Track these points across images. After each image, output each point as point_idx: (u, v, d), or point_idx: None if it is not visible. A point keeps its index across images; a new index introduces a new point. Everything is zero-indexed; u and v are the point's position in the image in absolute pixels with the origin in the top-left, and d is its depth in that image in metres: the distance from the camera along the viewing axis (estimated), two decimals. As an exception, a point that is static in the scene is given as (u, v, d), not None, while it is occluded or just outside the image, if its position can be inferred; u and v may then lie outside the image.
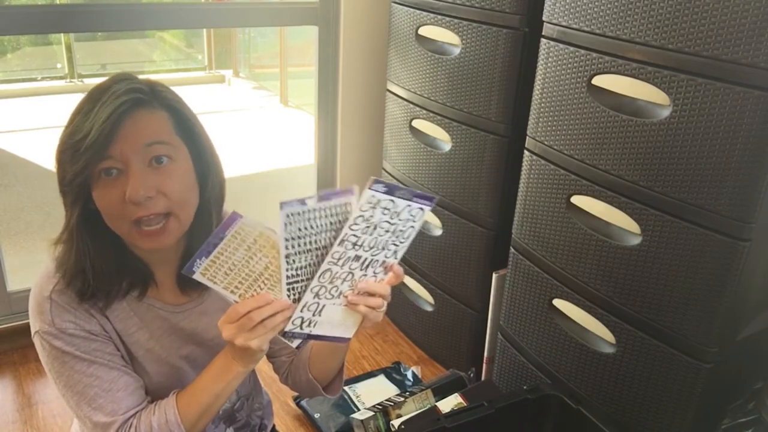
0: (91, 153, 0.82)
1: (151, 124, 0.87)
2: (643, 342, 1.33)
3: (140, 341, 0.96)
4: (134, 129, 0.84)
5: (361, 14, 2.25)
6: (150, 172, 0.86)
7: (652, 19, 1.19)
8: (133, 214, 0.85)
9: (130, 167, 0.84)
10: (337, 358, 1.05)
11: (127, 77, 0.88)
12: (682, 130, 1.18)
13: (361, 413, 1.68)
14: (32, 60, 5.57)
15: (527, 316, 1.62)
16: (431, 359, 2.10)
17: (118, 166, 0.84)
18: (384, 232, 0.84)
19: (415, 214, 0.85)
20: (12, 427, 1.73)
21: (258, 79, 6.17)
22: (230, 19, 2.44)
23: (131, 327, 0.96)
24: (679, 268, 1.23)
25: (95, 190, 0.86)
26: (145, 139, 0.85)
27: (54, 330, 0.89)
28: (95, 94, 0.86)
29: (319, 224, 0.81)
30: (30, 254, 2.77)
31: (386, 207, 0.82)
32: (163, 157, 0.86)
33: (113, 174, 0.85)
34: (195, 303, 1.02)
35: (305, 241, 0.81)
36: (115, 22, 1.99)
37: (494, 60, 1.64)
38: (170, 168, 0.87)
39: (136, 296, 0.96)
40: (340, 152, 2.42)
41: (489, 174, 1.74)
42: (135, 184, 0.83)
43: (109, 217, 0.87)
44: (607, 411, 1.43)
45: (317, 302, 0.86)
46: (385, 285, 0.89)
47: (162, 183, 0.86)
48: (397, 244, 0.87)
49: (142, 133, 0.85)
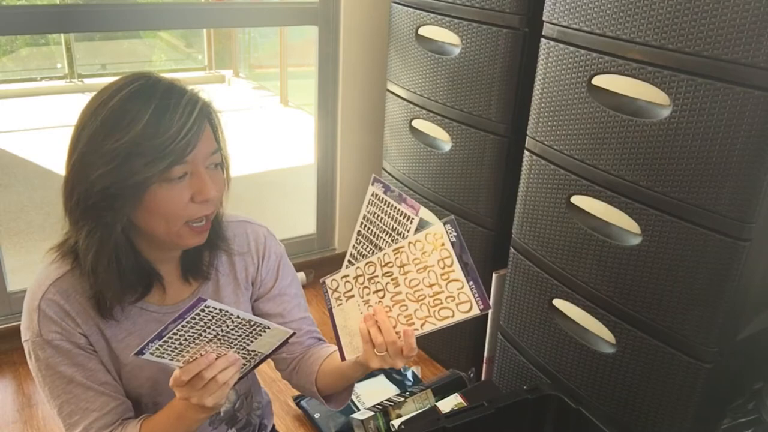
0: (176, 155, 0.84)
1: (209, 132, 0.91)
2: (643, 342, 1.32)
3: (130, 346, 0.96)
4: (204, 135, 0.88)
5: (361, 14, 2.25)
6: (212, 173, 0.91)
7: (652, 19, 1.19)
8: (197, 213, 0.90)
9: (199, 171, 0.88)
10: (346, 382, 1.05)
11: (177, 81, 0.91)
12: (682, 130, 1.18)
13: (361, 413, 1.68)
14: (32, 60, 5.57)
15: (527, 316, 1.62)
16: (431, 359, 2.09)
17: (188, 169, 0.87)
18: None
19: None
20: (12, 427, 1.73)
21: (258, 79, 6.17)
22: (230, 19, 2.44)
23: (121, 332, 0.96)
24: (679, 268, 1.23)
25: (152, 192, 0.85)
26: (212, 147, 0.90)
27: (40, 340, 0.91)
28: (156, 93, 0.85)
29: (385, 220, 0.83)
30: (30, 254, 2.77)
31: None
32: (219, 163, 0.92)
33: (179, 176, 0.86)
34: (189, 299, 1.02)
35: (373, 229, 0.85)
36: (115, 22, 1.99)
37: (494, 60, 1.64)
38: (220, 172, 0.93)
39: (132, 300, 0.96)
40: (340, 152, 2.43)
41: (489, 174, 1.74)
42: (210, 186, 0.88)
43: (163, 217, 0.88)
44: (607, 411, 1.43)
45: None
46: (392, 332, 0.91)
47: (218, 185, 0.91)
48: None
49: (210, 141, 0.90)
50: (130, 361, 0.97)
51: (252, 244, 1.08)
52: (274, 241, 1.12)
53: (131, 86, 0.86)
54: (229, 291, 1.05)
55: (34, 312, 0.91)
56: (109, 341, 0.95)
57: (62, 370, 0.92)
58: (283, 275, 1.12)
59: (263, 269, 1.09)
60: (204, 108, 0.90)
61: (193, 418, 0.89)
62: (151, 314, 0.98)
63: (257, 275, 1.09)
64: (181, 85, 0.90)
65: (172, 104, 0.85)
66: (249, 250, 1.08)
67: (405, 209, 0.83)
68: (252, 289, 1.09)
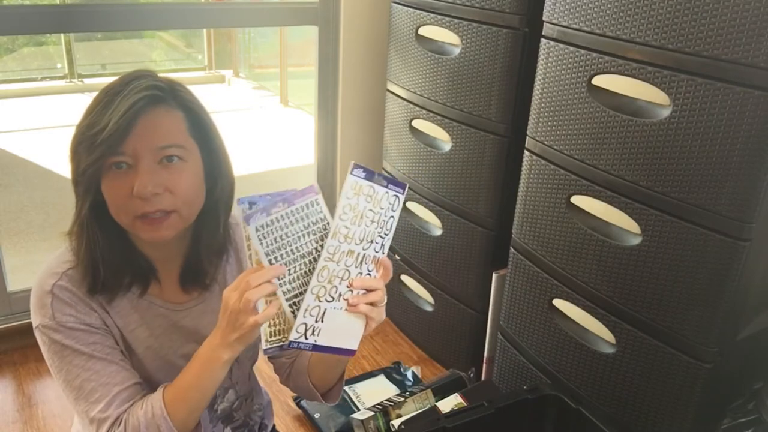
0: (106, 146, 0.83)
1: (166, 123, 0.88)
2: (643, 342, 1.33)
3: (140, 338, 0.97)
4: (150, 127, 0.86)
5: (361, 14, 2.25)
6: (160, 169, 0.87)
7: (652, 19, 1.19)
8: (139, 209, 0.87)
9: (140, 163, 0.86)
10: (337, 368, 1.05)
11: (147, 74, 0.90)
12: (682, 130, 1.18)
13: (361, 413, 1.68)
14: (32, 60, 5.58)
15: (527, 316, 1.62)
16: (431, 359, 2.09)
17: (128, 161, 0.86)
18: (370, 222, 0.84)
19: (392, 202, 0.85)
20: (12, 427, 1.73)
21: (258, 79, 6.17)
22: (230, 19, 2.44)
23: (132, 323, 0.97)
24: (679, 268, 1.23)
25: (104, 181, 0.87)
26: (159, 140, 0.87)
27: (54, 324, 0.90)
28: (115, 87, 0.87)
29: (293, 231, 0.81)
30: (30, 254, 2.77)
31: (368, 194, 0.83)
32: (174, 157, 0.88)
33: (123, 168, 0.86)
34: (196, 302, 1.02)
35: (287, 251, 0.81)
36: (115, 22, 1.99)
37: (494, 60, 1.64)
38: (180, 167, 0.89)
39: (138, 294, 0.97)
40: (340, 152, 2.43)
41: (489, 174, 1.74)
42: (144, 179, 0.85)
43: (114, 208, 0.89)
44: (607, 411, 1.43)
45: (318, 306, 0.85)
46: (379, 280, 0.88)
47: (170, 181, 0.87)
48: (383, 236, 0.86)
49: (157, 133, 0.87)
50: (141, 351, 0.97)
51: None
52: None
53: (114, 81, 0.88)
54: None
55: (47, 296, 0.91)
56: (121, 329, 0.96)
57: (80, 348, 0.91)
58: None
59: None
60: (152, 98, 0.86)
61: (222, 359, 0.85)
62: (158, 309, 0.99)
63: None
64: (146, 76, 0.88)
65: (117, 96, 0.85)
66: None
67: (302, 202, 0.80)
68: None
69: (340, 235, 0.83)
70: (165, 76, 0.92)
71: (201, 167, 0.93)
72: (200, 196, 0.94)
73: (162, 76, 0.91)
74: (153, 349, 0.98)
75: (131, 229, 0.90)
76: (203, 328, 1.02)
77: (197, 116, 0.92)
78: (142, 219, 0.88)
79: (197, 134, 0.92)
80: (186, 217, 0.92)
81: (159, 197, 0.87)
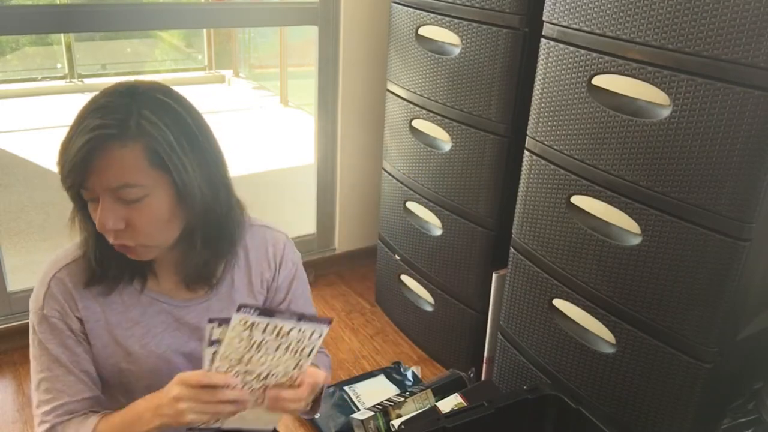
0: (71, 180, 0.85)
1: (119, 162, 0.83)
2: (643, 342, 1.33)
3: (136, 335, 0.98)
4: (104, 166, 0.83)
5: (361, 14, 2.25)
6: (119, 206, 0.86)
7: (652, 19, 1.19)
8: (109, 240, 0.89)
9: (102, 199, 0.86)
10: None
11: (107, 104, 0.85)
12: (682, 130, 1.18)
13: (361, 413, 1.68)
14: (32, 60, 5.57)
15: (527, 316, 1.62)
16: (431, 359, 2.10)
17: (93, 195, 0.86)
18: (274, 350, 0.85)
19: (307, 335, 0.86)
20: (12, 427, 1.73)
21: (258, 79, 6.17)
22: (230, 19, 2.44)
23: (128, 321, 0.97)
24: (679, 268, 1.23)
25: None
26: (112, 181, 0.84)
27: (40, 314, 0.95)
28: (77, 119, 0.86)
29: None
30: (30, 254, 2.77)
31: (264, 328, 0.83)
32: (132, 198, 0.86)
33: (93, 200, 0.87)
34: (201, 299, 1.02)
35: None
36: (115, 22, 1.99)
37: (494, 60, 1.64)
38: (139, 205, 0.86)
39: (140, 289, 0.98)
40: (340, 152, 2.43)
41: (489, 174, 1.74)
42: (102, 216, 0.86)
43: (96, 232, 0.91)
44: (607, 411, 1.43)
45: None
46: (292, 393, 0.90)
47: (130, 217, 0.87)
48: (298, 360, 0.88)
49: (110, 174, 0.84)
50: (135, 350, 0.98)
51: (270, 250, 1.08)
52: (292, 248, 1.12)
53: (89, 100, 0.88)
54: (243, 293, 1.06)
55: (43, 287, 0.95)
56: (112, 327, 0.97)
57: (51, 348, 0.95)
58: (297, 285, 1.12)
59: (279, 276, 1.09)
60: (101, 137, 0.82)
61: (155, 423, 0.87)
62: (162, 305, 0.99)
63: (273, 281, 1.09)
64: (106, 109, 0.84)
65: (75, 129, 0.84)
66: (267, 255, 1.08)
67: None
68: (266, 294, 1.09)
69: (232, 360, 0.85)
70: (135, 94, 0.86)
71: (171, 195, 0.88)
72: (169, 226, 0.91)
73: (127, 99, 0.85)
74: (148, 348, 0.98)
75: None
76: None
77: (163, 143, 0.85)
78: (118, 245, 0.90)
79: (163, 163, 0.86)
80: (155, 246, 0.92)
81: (121, 232, 0.87)
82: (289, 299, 1.11)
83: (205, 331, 0.82)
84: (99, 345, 0.97)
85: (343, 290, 2.49)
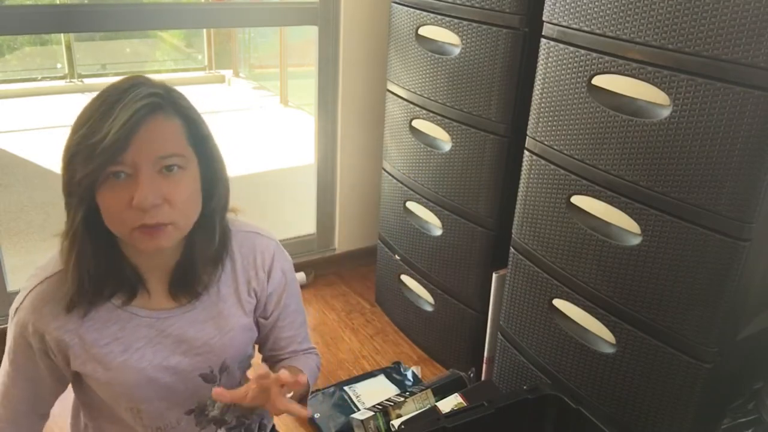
0: (106, 156, 0.82)
1: (165, 133, 0.86)
2: (643, 342, 1.33)
3: (114, 352, 0.95)
4: (150, 136, 0.84)
5: (361, 14, 2.25)
6: (159, 179, 0.86)
7: (652, 19, 1.19)
8: (138, 220, 0.85)
9: (140, 173, 0.84)
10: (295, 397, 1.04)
11: (144, 81, 0.88)
12: (682, 130, 1.18)
13: (361, 413, 1.68)
14: (32, 60, 5.57)
15: (527, 316, 1.62)
16: (431, 359, 2.09)
17: (127, 170, 0.84)
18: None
19: None
20: (12, 427, 1.73)
21: (258, 79, 6.17)
22: (230, 19, 2.44)
23: (105, 338, 0.95)
24: (679, 268, 1.23)
25: (101, 191, 0.85)
26: (159, 150, 0.85)
27: (15, 318, 0.95)
28: (112, 95, 0.85)
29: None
30: (30, 254, 2.77)
31: None
32: (174, 166, 0.87)
33: (121, 177, 0.84)
34: (184, 309, 1.00)
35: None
36: (115, 22, 1.99)
37: (494, 60, 1.64)
38: (179, 177, 0.87)
39: (119, 304, 0.95)
40: (340, 152, 2.43)
41: (489, 174, 1.74)
42: (144, 190, 0.83)
43: (110, 219, 0.87)
44: (607, 411, 1.43)
45: None
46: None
47: (169, 191, 0.86)
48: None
49: (157, 144, 0.85)
50: (115, 366, 0.96)
51: (258, 258, 1.06)
52: (282, 256, 1.10)
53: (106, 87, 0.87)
54: (230, 303, 1.04)
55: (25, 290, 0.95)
56: (89, 346, 0.94)
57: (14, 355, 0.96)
58: (288, 293, 1.11)
59: (269, 286, 1.07)
60: (152, 106, 0.84)
61: None
62: (141, 319, 0.97)
63: (261, 290, 1.07)
64: (144, 84, 0.87)
65: (116, 104, 0.83)
66: (255, 263, 1.05)
67: None
68: (255, 302, 1.07)
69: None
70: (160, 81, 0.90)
71: (198, 176, 0.91)
72: (197, 206, 0.92)
73: (158, 82, 0.89)
74: (129, 364, 0.96)
75: (128, 239, 0.89)
76: (191, 337, 1.00)
77: (195, 124, 0.90)
78: (140, 229, 0.86)
79: (195, 143, 0.90)
80: (182, 228, 0.91)
81: (158, 209, 0.85)
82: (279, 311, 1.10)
83: None
84: (79, 362, 0.95)
85: (343, 290, 2.49)
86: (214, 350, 1.02)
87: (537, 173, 1.52)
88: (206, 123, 0.93)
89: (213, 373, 1.04)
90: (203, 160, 0.92)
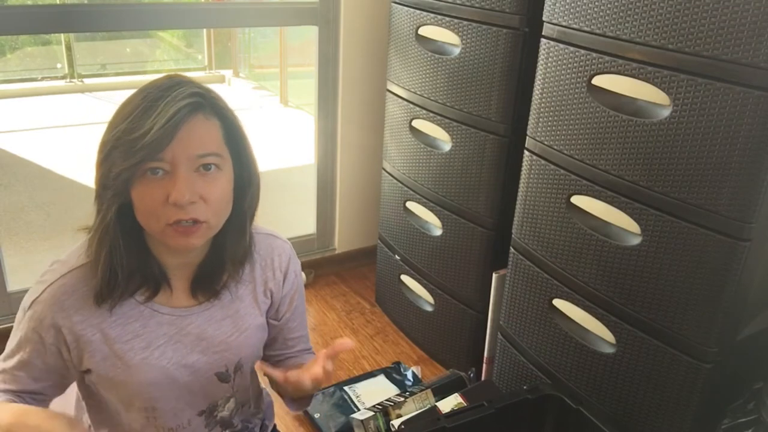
0: (146, 151, 0.83)
1: (205, 132, 0.88)
2: (643, 342, 1.33)
3: (135, 348, 0.96)
4: (189, 135, 0.86)
5: (361, 14, 2.25)
6: (196, 177, 0.87)
7: (652, 19, 1.19)
8: (173, 217, 0.86)
9: (177, 170, 0.85)
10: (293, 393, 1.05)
11: (185, 80, 0.89)
12: (682, 130, 1.18)
13: (361, 413, 1.68)
14: (32, 60, 5.57)
15: (527, 316, 1.62)
16: (431, 359, 2.10)
17: (165, 167, 0.85)
18: None
19: None
20: (12, 427, 1.73)
21: (258, 79, 6.17)
22: (230, 19, 2.44)
23: (128, 334, 0.96)
24: (679, 268, 1.23)
25: (136, 186, 0.86)
26: (198, 149, 0.87)
27: (30, 310, 0.95)
28: (154, 92, 0.86)
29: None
30: (30, 254, 2.77)
31: None
32: (212, 165, 0.88)
33: (159, 174, 0.86)
34: (203, 307, 1.01)
35: None
36: (115, 22, 1.99)
37: (494, 60, 1.64)
38: (215, 176, 0.89)
39: (142, 300, 0.96)
40: (340, 152, 2.43)
41: (489, 174, 1.74)
42: (181, 187, 0.85)
43: (145, 214, 0.88)
44: (607, 411, 1.43)
45: None
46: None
47: (205, 190, 0.88)
48: None
49: (197, 142, 0.86)
50: (135, 363, 0.96)
51: (276, 260, 1.08)
52: (296, 259, 1.13)
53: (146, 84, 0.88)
54: (247, 302, 1.05)
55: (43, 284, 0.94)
56: (112, 342, 0.95)
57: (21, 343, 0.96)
58: (299, 295, 1.13)
59: (285, 287, 1.09)
60: (195, 105, 0.86)
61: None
62: (163, 316, 0.98)
63: (277, 291, 1.09)
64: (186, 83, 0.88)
65: (159, 101, 0.84)
66: (272, 265, 1.07)
67: None
68: (269, 303, 1.09)
69: None
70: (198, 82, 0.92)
71: (232, 177, 0.93)
72: (229, 206, 0.94)
73: (197, 82, 0.91)
74: (149, 361, 0.97)
75: (160, 236, 0.90)
76: (209, 336, 1.01)
77: (232, 125, 0.92)
78: (174, 226, 0.87)
79: (231, 143, 0.92)
80: (215, 227, 0.92)
81: (194, 206, 0.87)
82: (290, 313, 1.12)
83: None
84: (97, 359, 0.95)
85: (343, 290, 2.49)
86: (231, 348, 1.03)
87: (537, 173, 1.52)
88: (243, 125, 0.95)
89: (228, 372, 1.05)
90: (238, 161, 0.94)
